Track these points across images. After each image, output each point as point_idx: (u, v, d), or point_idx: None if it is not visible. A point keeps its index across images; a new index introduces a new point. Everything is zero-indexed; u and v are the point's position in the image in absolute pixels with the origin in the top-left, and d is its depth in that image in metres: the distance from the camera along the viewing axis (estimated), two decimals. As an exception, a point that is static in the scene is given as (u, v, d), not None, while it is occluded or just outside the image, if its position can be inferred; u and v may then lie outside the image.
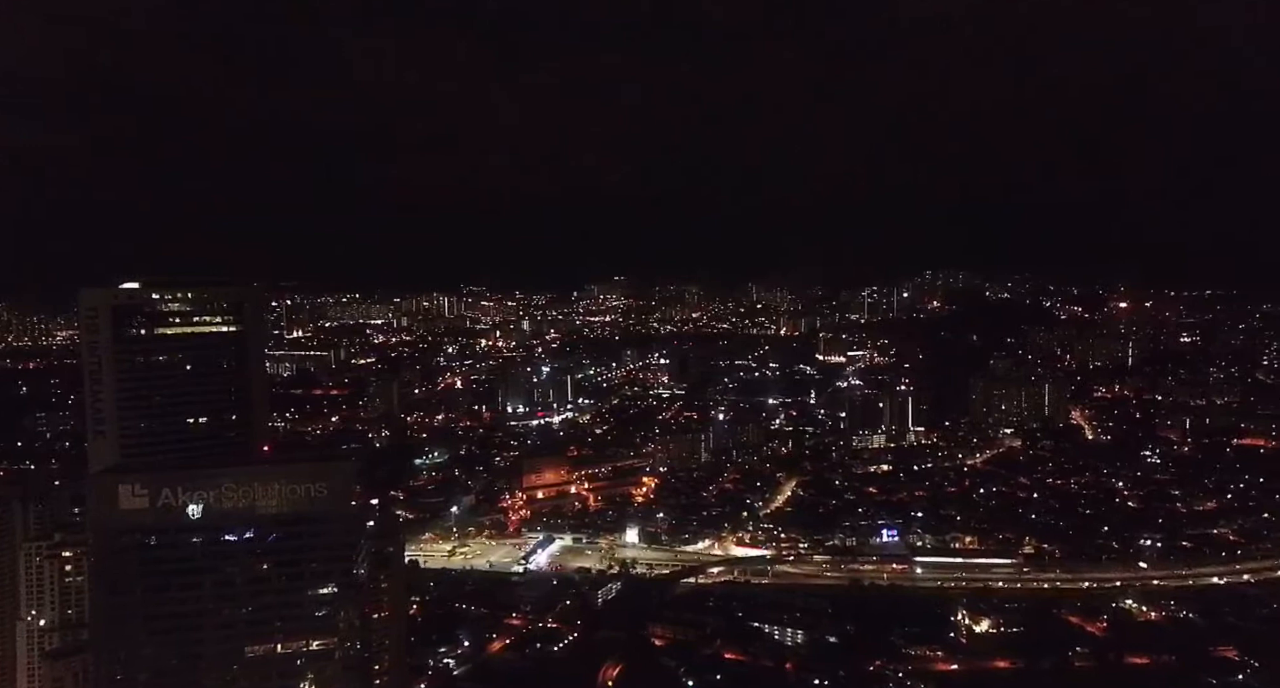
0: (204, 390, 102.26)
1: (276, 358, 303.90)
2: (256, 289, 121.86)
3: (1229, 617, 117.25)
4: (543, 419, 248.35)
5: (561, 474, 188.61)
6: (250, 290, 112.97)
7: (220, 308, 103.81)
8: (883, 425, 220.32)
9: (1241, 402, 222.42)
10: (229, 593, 76.89)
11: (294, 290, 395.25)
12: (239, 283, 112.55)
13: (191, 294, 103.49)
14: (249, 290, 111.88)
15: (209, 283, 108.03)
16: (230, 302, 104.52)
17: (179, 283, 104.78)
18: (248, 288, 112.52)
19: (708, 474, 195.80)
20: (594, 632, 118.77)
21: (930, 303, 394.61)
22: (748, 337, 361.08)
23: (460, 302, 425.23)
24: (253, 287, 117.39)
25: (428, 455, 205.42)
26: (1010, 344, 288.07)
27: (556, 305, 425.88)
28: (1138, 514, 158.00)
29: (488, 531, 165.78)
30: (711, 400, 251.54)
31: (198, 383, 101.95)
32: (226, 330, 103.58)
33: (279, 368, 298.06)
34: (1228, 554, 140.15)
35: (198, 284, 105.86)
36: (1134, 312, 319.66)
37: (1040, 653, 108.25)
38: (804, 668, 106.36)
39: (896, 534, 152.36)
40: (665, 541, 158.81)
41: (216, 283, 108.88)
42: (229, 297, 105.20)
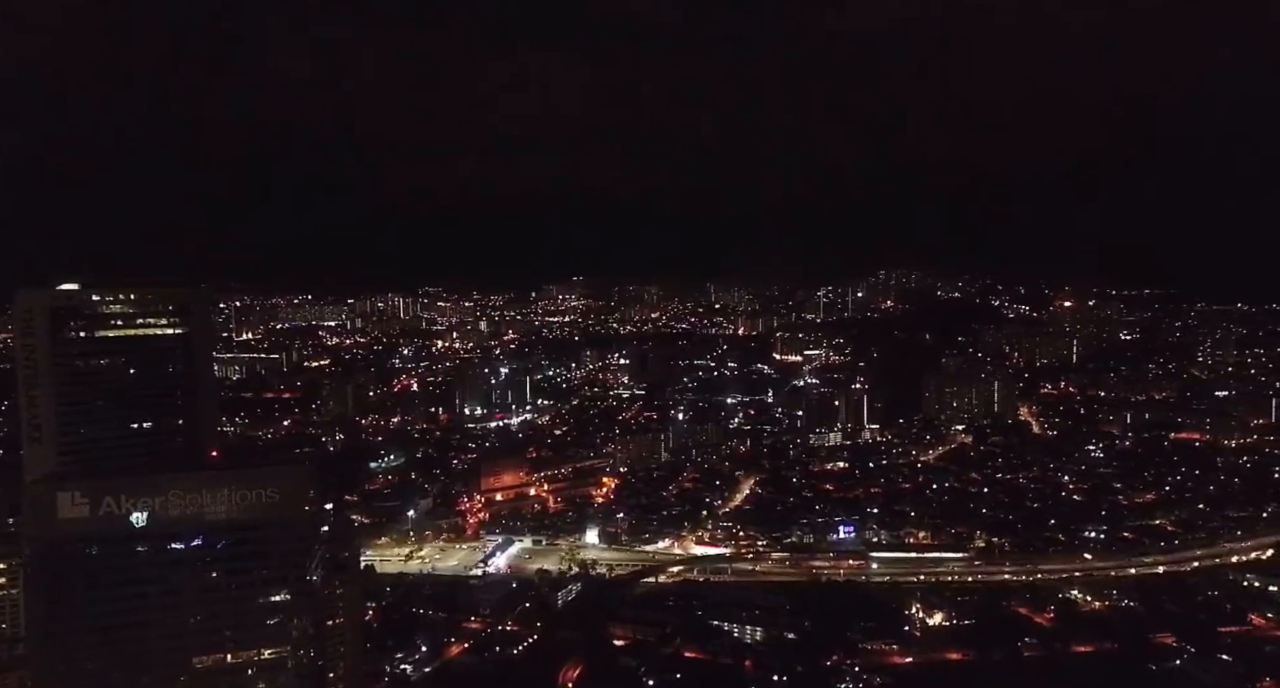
0: (148, 395, 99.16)
1: (225, 361, 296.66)
2: (204, 290, 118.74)
3: (1167, 604, 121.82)
4: (501, 421, 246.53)
5: (520, 476, 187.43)
6: (197, 291, 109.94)
7: (165, 310, 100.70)
8: (839, 423, 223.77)
9: (1178, 397, 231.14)
10: (176, 602, 75.01)
11: (244, 291, 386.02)
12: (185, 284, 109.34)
13: (134, 295, 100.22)
14: (196, 291, 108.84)
15: (153, 284, 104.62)
16: (176, 303, 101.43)
17: (121, 284, 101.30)
18: (194, 289, 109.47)
19: (667, 474, 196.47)
20: (554, 633, 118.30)
21: (884, 303, 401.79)
22: (707, 336, 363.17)
23: (416, 302, 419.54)
24: (200, 288, 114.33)
25: (383, 459, 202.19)
26: (961, 343, 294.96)
27: (514, 306, 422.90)
28: (1082, 507, 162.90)
29: (445, 534, 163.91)
30: (671, 400, 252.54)
31: (141, 387, 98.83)
32: (172, 333, 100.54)
33: (228, 371, 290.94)
34: (1166, 544, 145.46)
35: (141, 285, 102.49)
36: (1077, 311, 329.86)
37: (991, 644, 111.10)
38: (763, 665, 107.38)
39: (853, 530, 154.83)
40: (625, 541, 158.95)
41: (161, 284, 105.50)
42: (174, 298, 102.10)
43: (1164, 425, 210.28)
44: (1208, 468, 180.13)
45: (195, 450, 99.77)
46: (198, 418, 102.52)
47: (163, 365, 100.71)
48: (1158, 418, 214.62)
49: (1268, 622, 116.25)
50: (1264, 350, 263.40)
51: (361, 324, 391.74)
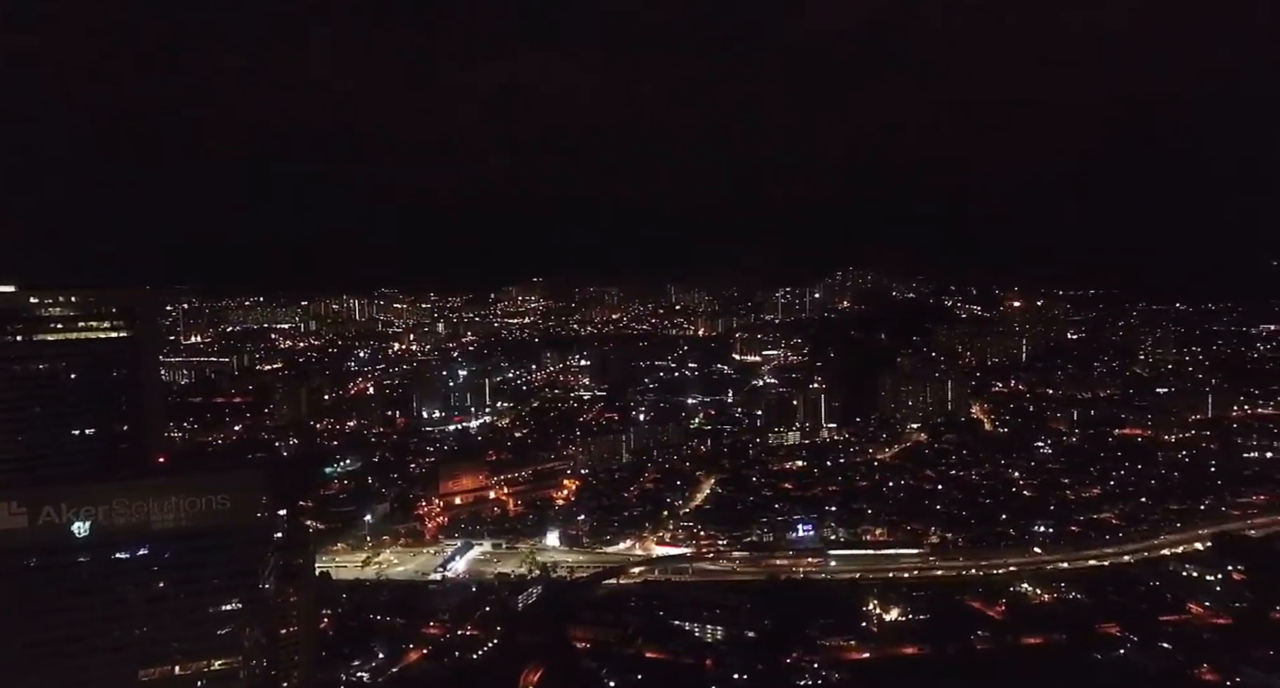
0: (91, 400, 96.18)
1: (173, 365, 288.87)
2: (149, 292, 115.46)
3: (1112, 595, 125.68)
4: (460, 424, 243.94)
5: (480, 479, 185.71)
6: (142, 294, 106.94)
7: (108, 312, 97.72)
8: (797, 423, 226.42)
9: (1121, 394, 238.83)
10: (120, 615, 72.93)
11: (192, 293, 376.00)
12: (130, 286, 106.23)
13: (75, 298, 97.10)
14: (141, 294, 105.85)
15: (96, 286, 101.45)
16: (120, 306, 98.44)
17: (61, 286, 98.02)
18: (139, 291, 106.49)
19: (629, 475, 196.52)
20: (514, 637, 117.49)
21: (840, 303, 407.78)
22: (667, 337, 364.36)
23: (372, 304, 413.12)
24: (145, 290, 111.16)
25: (339, 463, 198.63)
26: (915, 342, 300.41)
27: (473, 307, 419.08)
28: (1032, 502, 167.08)
29: (403, 539, 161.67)
30: (632, 401, 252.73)
31: (83, 392, 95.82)
32: (116, 336, 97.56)
33: (176, 375, 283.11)
34: (1110, 537, 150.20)
35: (83, 287, 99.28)
36: (1026, 310, 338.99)
37: (945, 638, 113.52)
38: (724, 664, 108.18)
39: (811, 528, 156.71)
40: (586, 542, 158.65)
41: (104, 286, 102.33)
42: (118, 301, 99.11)
43: (1108, 422, 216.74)
44: (1149, 463, 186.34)
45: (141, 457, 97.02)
46: (144, 423, 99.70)
47: (106, 370, 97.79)
48: (1102, 415, 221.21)
49: (1205, 610, 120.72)
50: (1200, 349, 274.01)
51: (315, 326, 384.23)
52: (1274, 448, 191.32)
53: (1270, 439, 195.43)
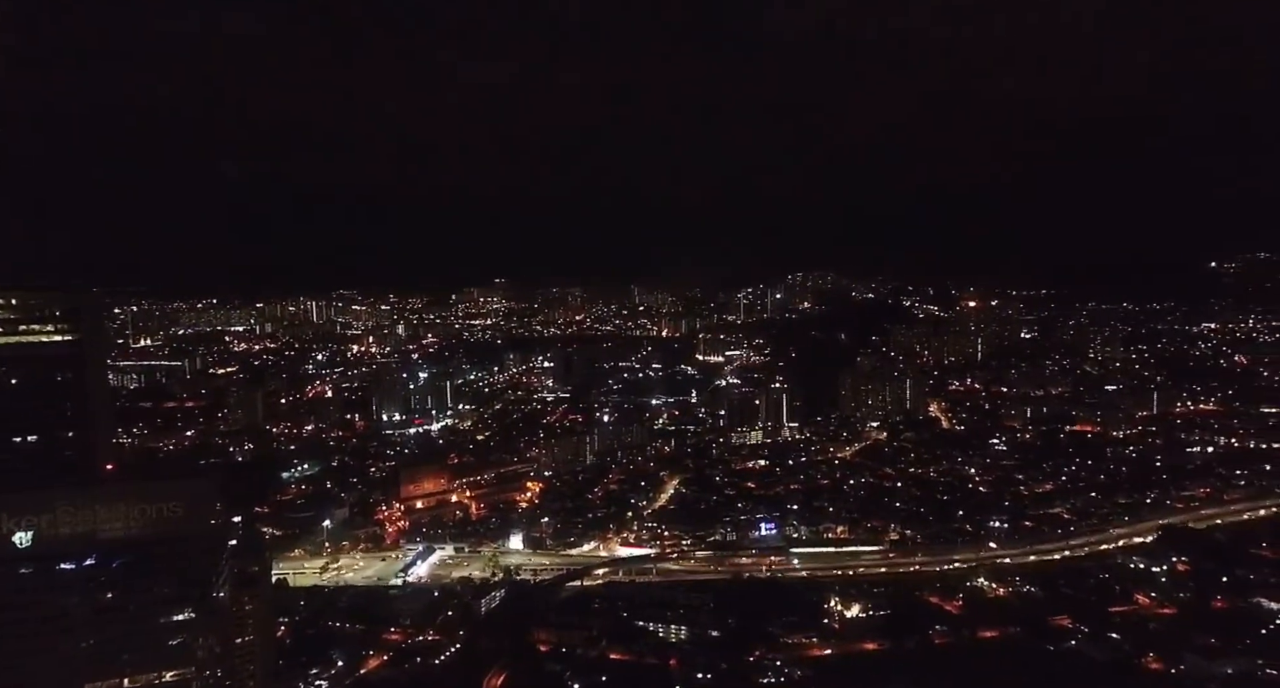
0: (34, 406, 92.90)
1: (122, 369, 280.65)
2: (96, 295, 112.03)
3: (1064, 588, 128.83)
4: (421, 427, 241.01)
5: (441, 483, 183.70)
6: (88, 296, 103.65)
7: (52, 316, 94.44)
8: (760, 422, 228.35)
9: (1072, 392, 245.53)
10: (65, 627, 70.52)
11: (141, 296, 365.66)
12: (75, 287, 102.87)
13: (16, 300, 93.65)
14: (86, 296, 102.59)
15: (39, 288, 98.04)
16: (64, 308, 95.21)
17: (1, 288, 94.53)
18: (85, 293, 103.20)
19: (592, 476, 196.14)
20: (477, 641, 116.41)
21: (801, 304, 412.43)
22: (631, 338, 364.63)
23: (330, 306, 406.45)
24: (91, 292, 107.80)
25: (296, 468, 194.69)
26: (874, 342, 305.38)
27: (433, 308, 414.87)
28: (987, 498, 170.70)
29: (363, 544, 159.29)
30: (596, 402, 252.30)
31: (26, 398, 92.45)
32: (60, 340, 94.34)
33: (124, 380, 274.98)
34: (1062, 531, 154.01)
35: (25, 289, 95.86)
36: (982, 310, 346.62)
37: (904, 633, 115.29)
38: (688, 663, 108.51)
39: (774, 527, 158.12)
40: (550, 545, 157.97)
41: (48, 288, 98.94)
42: (62, 303, 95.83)
43: (1060, 419, 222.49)
44: (1099, 458, 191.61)
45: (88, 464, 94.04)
46: (90, 430, 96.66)
47: (50, 374, 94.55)
48: (1054, 412, 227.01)
49: (1151, 601, 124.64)
50: (1145, 347, 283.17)
51: (271, 329, 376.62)
52: (1215, 443, 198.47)
53: (1211, 434, 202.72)
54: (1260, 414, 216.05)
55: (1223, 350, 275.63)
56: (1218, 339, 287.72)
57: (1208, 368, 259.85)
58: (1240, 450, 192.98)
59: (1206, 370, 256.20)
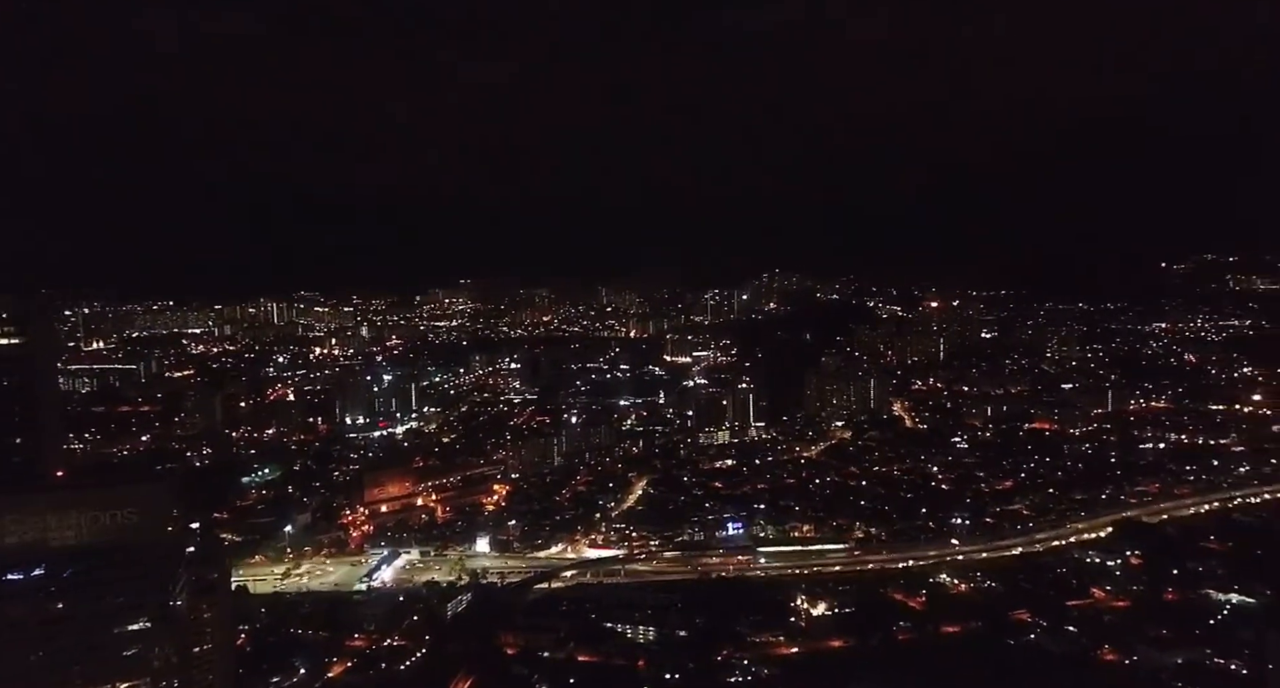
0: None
1: (73, 372, 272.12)
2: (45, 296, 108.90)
3: (1023, 583, 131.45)
4: (385, 430, 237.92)
5: (406, 486, 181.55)
6: (37, 298, 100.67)
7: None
8: (727, 422, 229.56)
9: (1030, 390, 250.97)
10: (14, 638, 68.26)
11: (93, 297, 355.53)
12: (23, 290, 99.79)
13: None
14: (34, 299, 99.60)
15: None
16: (11, 311, 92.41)
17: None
18: (34, 295, 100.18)
19: (560, 478, 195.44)
20: (443, 646, 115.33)
21: (767, 305, 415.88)
22: (599, 339, 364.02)
23: (291, 308, 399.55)
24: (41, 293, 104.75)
25: (256, 473, 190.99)
26: (839, 342, 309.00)
27: (398, 310, 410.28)
28: (949, 496, 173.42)
29: (326, 549, 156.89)
30: (563, 404, 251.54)
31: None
32: (7, 343, 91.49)
33: (76, 384, 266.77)
34: (1021, 527, 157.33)
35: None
36: (943, 311, 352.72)
37: (869, 630, 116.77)
38: (655, 664, 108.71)
39: (741, 527, 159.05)
40: (517, 548, 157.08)
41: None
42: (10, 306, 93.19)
43: (1019, 417, 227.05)
44: (1056, 455, 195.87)
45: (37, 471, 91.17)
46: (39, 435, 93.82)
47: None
48: (1013, 410, 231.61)
49: (1106, 594, 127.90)
50: (1100, 346, 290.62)
51: (230, 331, 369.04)
52: (1165, 439, 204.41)
53: (1162, 431, 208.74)
54: (1208, 411, 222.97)
55: (1173, 349, 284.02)
56: (1168, 338, 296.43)
57: (1159, 367, 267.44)
58: (1189, 447, 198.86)
59: (1158, 369, 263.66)
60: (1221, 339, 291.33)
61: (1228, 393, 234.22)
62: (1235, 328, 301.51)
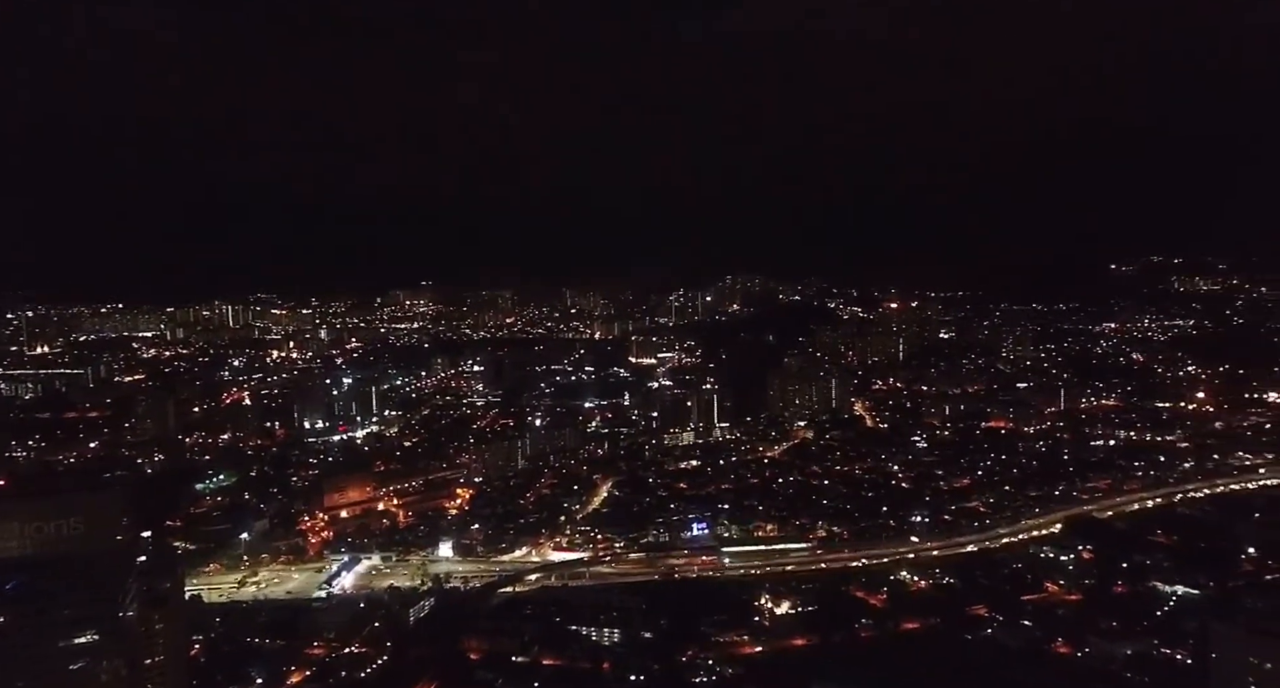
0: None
1: (16, 378, 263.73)
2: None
3: (980, 579, 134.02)
4: (345, 434, 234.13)
5: (367, 491, 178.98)
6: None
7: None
8: (691, 423, 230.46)
9: (987, 389, 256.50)
10: (-47, 656, 65.66)
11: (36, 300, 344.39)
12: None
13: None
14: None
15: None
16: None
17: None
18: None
19: (525, 481, 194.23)
20: (405, 652, 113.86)
21: (731, 306, 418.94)
22: (563, 341, 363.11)
23: (247, 310, 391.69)
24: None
25: (211, 479, 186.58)
26: (801, 343, 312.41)
27: (357, 312, 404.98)
28: (909, 494, 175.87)
29: (285, 556, 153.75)
30: (528, 406, 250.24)
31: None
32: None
33: (19, 389, 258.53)
34: (979, 524, 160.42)
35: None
36: (903, 312, 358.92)
37: (832, 628, 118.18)
38: (620, 666, 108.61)
39: (706, 527, 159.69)
40: (481, 551, 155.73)
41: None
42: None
43: (976, 416, 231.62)
44: (1011, 453, 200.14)
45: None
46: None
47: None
48: (971, 409, 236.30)
49: (1059, 588, 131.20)
50: (1053, 346, 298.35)
51: (184, 334, 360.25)
52: (1115, 436, 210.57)
53: (1111, 428, 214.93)
54: (1155, 409, 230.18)
55: (1122, 349, 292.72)
56: (1117, 338, 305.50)
57: (1108, 366, 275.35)
58: (1138, 443, 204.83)
59: (1107, 368, 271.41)
60: (1167, 339, 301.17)
61: (1173, 391, 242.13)
62: (1180, 328, 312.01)
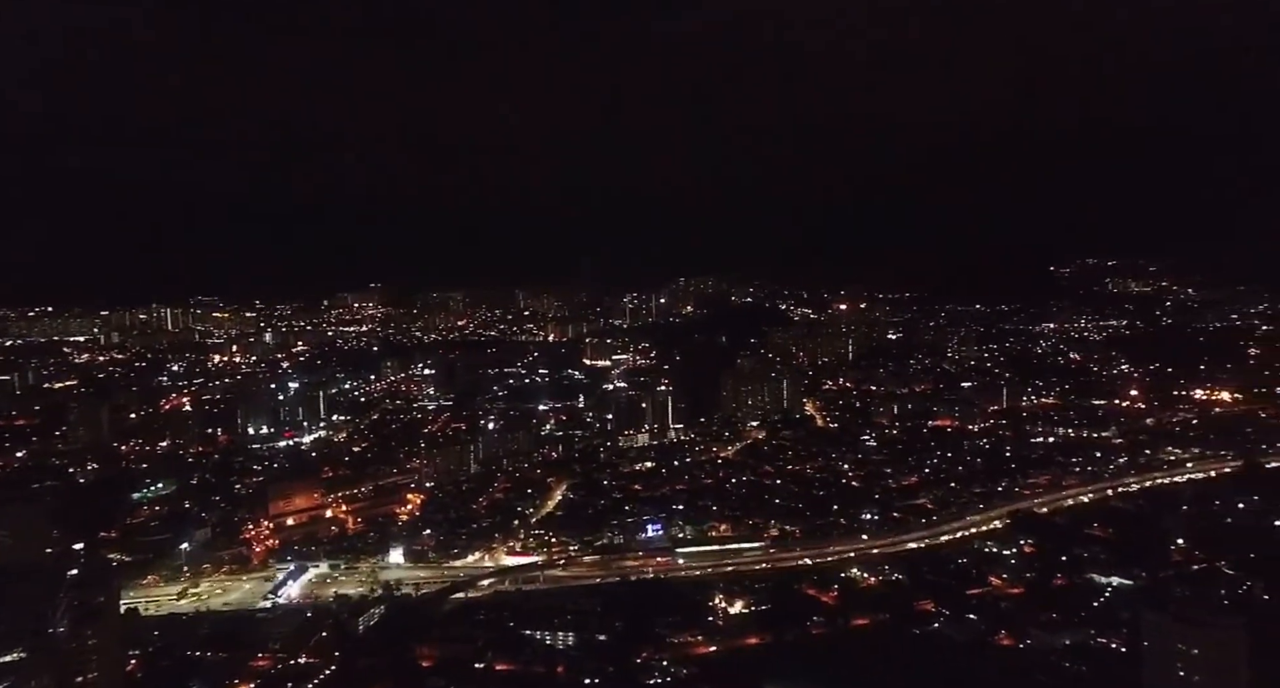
0: None
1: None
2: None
3: (927, 574, 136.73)
4: (292, 440, 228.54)
5: (314, 498, 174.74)
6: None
7: None
8: (646, 425, 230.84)
9: (933, 389, 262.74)
10: None
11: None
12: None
13: None
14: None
15: None
16: None
17: None
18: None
19: (477, 485, 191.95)
20: (354, 662, 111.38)
21: (684, 308, 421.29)
22: (516, 343, 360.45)
23: (188, 314, 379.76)
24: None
25: (149, 488, 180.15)
26: (753, 344, 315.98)
27: (304, 315, 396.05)
28: (859, 492, 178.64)
29: (228, 566, 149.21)
30: (480, 409, 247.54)
31: None
32: None
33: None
34: (926, 521, 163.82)
35: None
36: (852, 313, 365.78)
37: (784, 627, 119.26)
38: (575, 669, 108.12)
39: (660, 528, 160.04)
40: (433, 557, 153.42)
41: None
42: None
43: (923, 415, 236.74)
44: (957, 450, 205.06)
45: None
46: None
47: None
48: (918, 408, 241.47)
49: (1003, 582, 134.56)
50: (996, 346, 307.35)
51: (120, 338, 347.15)
52: (1054, 433, 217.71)
53: (1051, 426, 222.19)
54: (1091, 406, 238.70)
55: (1060, 349, 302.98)
56: (1056, 338, 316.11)
57: (1048, 365, 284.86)
58: (1075, 440, 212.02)
59: (1047, 367, 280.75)
60: (1102, 339, 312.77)
61: (1108, 389, 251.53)
62: (1114, 328, 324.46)
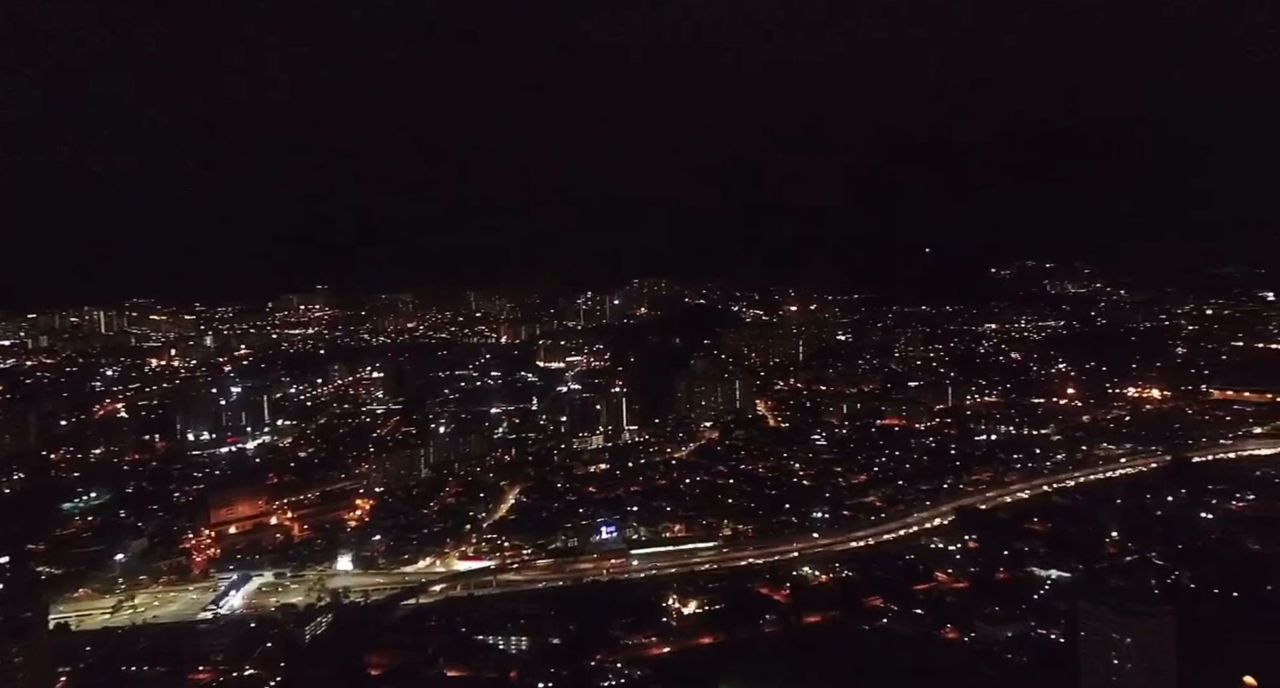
0: None
1: None
2: None
3: (877, 571, 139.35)
4: (234, 445, 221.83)
5: (258, 505, 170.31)
6: None
7: None
8: (600, 426, 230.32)
9: (881, 388, 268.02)
10: None
11: None
12: None
13: None
14: None
15: None
16: None
17: None
18: None
19: (428, 490, 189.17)
20: (301, 672, 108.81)
21: (638, 309, 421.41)
22: (468, 346, 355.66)
23: (122, 316, 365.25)
24: None
25: (80, 498, 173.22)
26: (707, 345, 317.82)
27: (247, 318, 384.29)
28: (810, 491, 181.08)
29: (166, 577, 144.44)
30: (431, 413, 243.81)
31: None
32: None
33: None
34: (875, 518, 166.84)
35: None
36: (802, 314, 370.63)
37: (738, 626, 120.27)
38: (528, 674, 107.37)
39: (614, 530, 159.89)
40: (383, 564, 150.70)
41: None
42: None
43: (872, 414, 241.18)
44: (904, 449, 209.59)
45: None
46: None
47: None
48: (867, 407, 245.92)
49: (948, 577, 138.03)
50: (941, 346, 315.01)
51: (48, 342, 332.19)
52: (997, 431, 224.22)
53: (993, 424, 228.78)
54: (1031, 405, 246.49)
55: (1001, 348, 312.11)
56: (997, 338, 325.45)
57: (990, 364, 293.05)
58: (1016, 438, 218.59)
59: (989, 366, 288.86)
60: (1041, 338, 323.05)
61: (1046, 387, 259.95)
62: (1051, 328, 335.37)
